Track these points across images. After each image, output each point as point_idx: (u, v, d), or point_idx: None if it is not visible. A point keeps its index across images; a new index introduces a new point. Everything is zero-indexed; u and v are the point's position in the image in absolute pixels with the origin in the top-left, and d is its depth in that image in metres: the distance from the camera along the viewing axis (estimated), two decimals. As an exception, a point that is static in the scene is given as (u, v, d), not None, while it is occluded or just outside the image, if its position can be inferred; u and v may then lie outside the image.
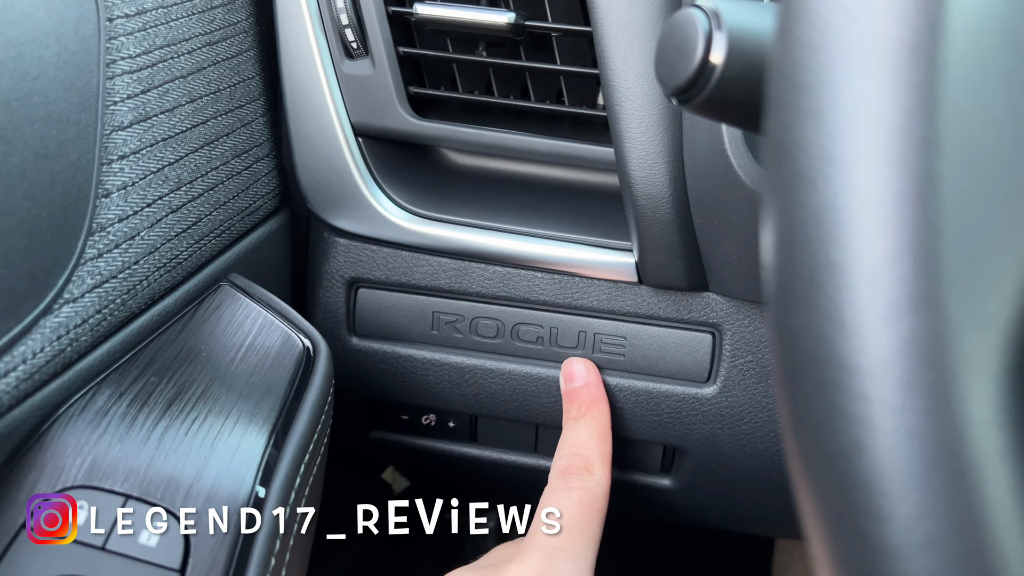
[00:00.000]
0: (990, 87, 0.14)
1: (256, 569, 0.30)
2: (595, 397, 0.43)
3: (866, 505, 0.14)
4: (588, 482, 0.39)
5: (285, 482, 0.32)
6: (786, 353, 0.15)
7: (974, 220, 0.14)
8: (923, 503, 0.14)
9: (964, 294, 0.14)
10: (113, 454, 0.30)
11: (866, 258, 0.14)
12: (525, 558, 0.35)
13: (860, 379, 0.14)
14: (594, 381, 0.44)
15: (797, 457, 0.16)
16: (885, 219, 0.14)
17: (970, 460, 0.14)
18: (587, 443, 0.41)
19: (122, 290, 0.33)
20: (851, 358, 0.14)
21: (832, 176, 0.14)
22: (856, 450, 0.14)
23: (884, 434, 0.14)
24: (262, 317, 0.38)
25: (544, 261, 0.43)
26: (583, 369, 0.44)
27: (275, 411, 0.34)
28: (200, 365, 0.35)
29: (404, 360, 0.46)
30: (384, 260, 0.45)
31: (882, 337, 0.14)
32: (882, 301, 0.14)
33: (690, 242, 0.39)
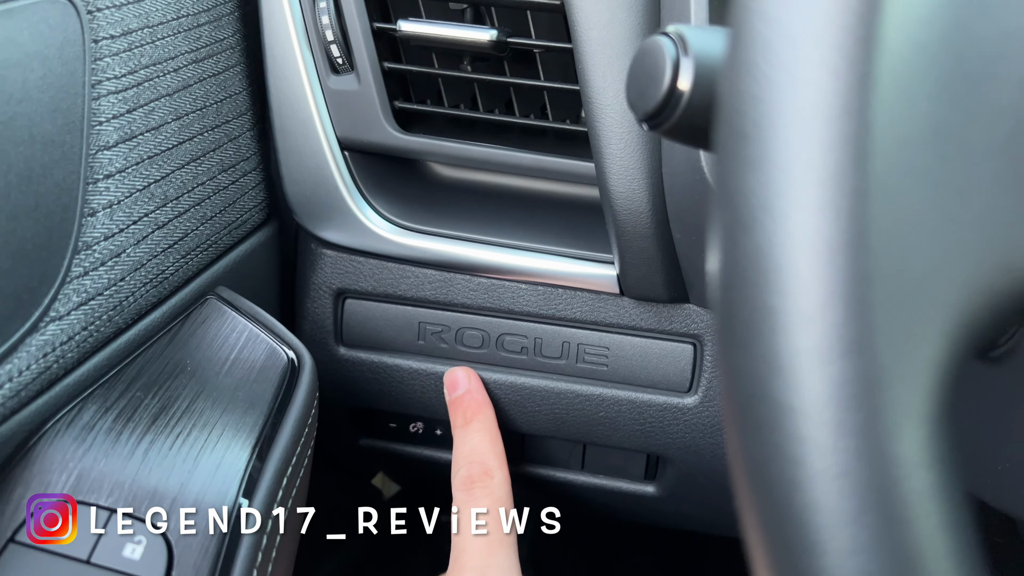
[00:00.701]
0: (919, 138, 0.15)
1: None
2: (478, 402, 0.44)
3: (801, 539, 0.15)
4: (490, 486, 0.40)
5: (268, 493, 0.33)
6: (729, 390, 0.16)
7: (904, 267, 0.14)
8: (855, 539, 0.14)
9: (894, 339, 0.14)
10: (98, 468, 0.31)
11: (800, 303, 0.14)
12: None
13: (794, 419, 0.14)
14: (475, 387, 0.44)
15: (741, 489, 0.16)
16: (818, 266, 0.14)
17: (900, 498, 0.14)
18: (480, 448, 0.42)
19: (108, 307, 0.34)
20: (786, 399, 0.15)
21: (768, 224, 0.15)
22: (792, 487, 0.15)
23: (817, 473, 0.14)
24: (248, 330, 0.38)
25: (528, 273, 0.43)
26: (464, 376, 0.45)
27: (259, 424, 0.34)
28: (185, 380, 0.35)
29: (391, 370, 0.47)
30: (371, 271, 0.45)
31: (815, 379, 0.14)
32: (815, 345, 0.14)
33: (670, 256, 0.40)
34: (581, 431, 0.46)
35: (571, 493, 0.51)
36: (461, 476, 0.40)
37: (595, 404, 0.45)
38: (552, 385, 0.45)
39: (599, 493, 0.50)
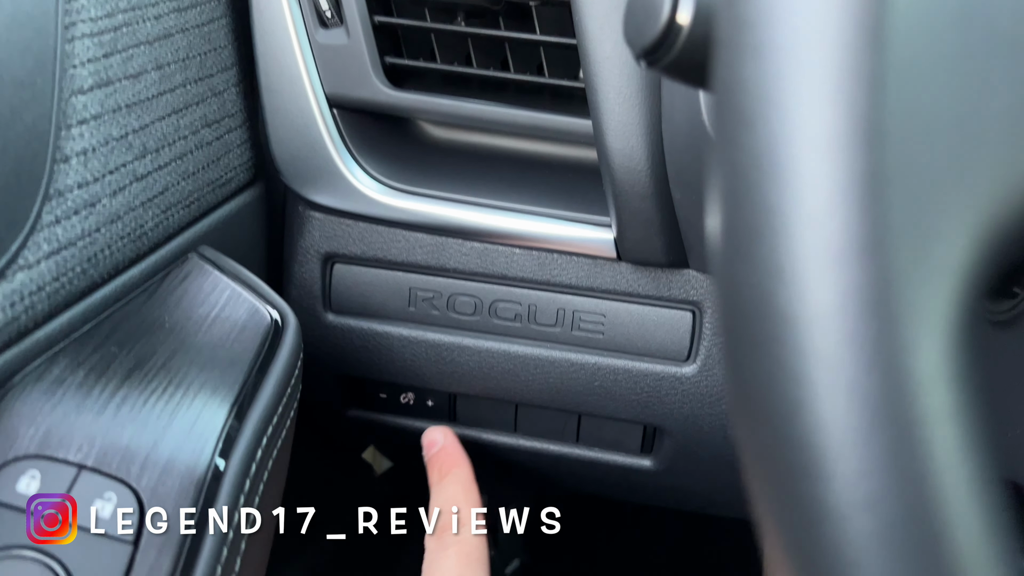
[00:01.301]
0: (943, 21, 0.13)
1: (213, 543, 0.29)
2: (454, 458, 0.45)
3: (804, 464, 0.13)
4: (462, 536, 0.41)
5: (246, 455, 0.31)
6: (727, 307, 0.14)
7: (923, 162, 0.13)
8: (863, 461, 0.13)
9: (911, 240, 0.13)
10: (68, 424, 0.29)
11: (807, 202, 0.13)
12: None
13: (798, 331, 0.13)
14: (451, 443, 0.46)
15: (737, 417, 0.15)
16: (827, 161, 0.13)
17: (914, 417, 0.13)
18: (454, 498, 0.43)
19: (81, 258, 0.32)
20: (789, 309, 0.13)
21: (772, 117, 0.13)
22: (795, 407, 0.13)
23: (824, 389, 0.13)
24: (230, 289, 0.37)
25: (522, 237, 0.42)
26: (440, 436, 0.46)
27: (238, 383, 0.33)
28: (163, 336, 0.34)
29: (380, 337, 0.45)
30: (360, 235, 0.44)
31: (822, 286, 0.13)
32: (823, 247, 0.13)
33: (669, 217, 0.38)
34: (576, 401, 0.45)
35: (565, 467, 0.50)
36: (434, 528, 0.41)
37: (590, 373, 0.44)
38: (546, 354, 0.44)
39: (594, 467, 0.49)
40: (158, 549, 0.28)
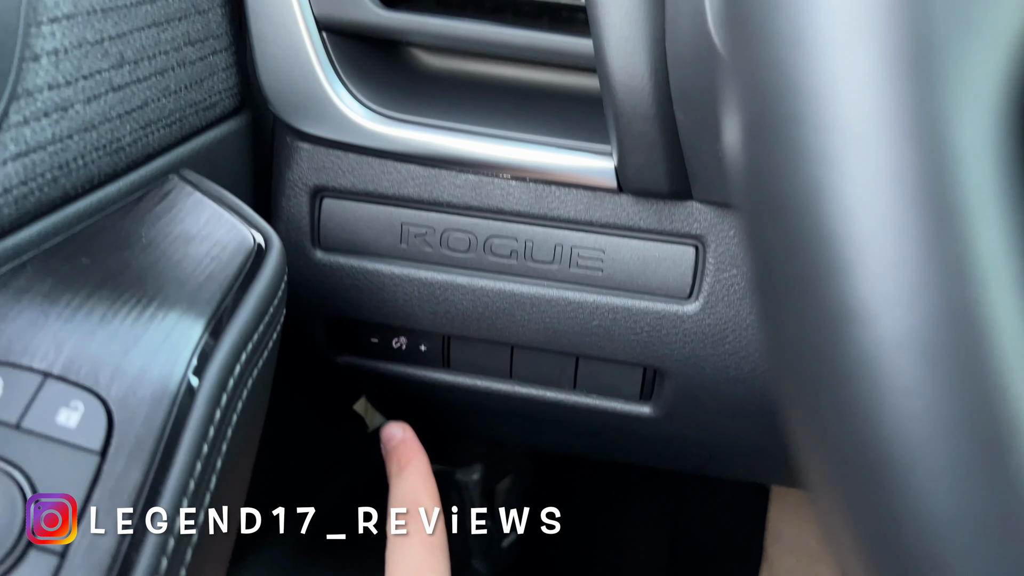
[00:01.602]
0: None
1: (186, 455, 0.27)
2: (412, 450, 0.45)
3: (827, 258, 0.12)
4: (421, 525, 0.41)
5: (220, 375, 0.30)
6: (744, 93, 0.13)
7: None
8: (894, 250, 0.11)
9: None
10: (33, 330, 0.28)
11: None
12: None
13: (816, 101, 0.11)
14: (410, 437, 0.46)
15: (751, 215, 0.13)
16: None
17: (954, 198, 0.11)
18: (415, 489, 0.43)
19: (53, 164, 0.31)
20: (805, 79, 0.11)
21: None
22: (815, 192, 0.12)
23: (847, 167, 0.11)
24: (212, 210, 0.35)
25: (519, 167, 0.40)
26: (399, 430, 0.47)
27: (215, 299, 0.31)
28: (138, 251, 0.32)
29: (371, 275, 0.44)
30: (350, 166, 0.42)
31: (848, 51, 0.11)
32: (850, 6, 0.11)
33: (672, 140, 0.36)
34: (573, 342, 0.43)
35: (562, 415, 0.48)
36: (394, 515, 0.42)
37: (589, 312, 0.42)
38: (543, 292, 0.42)
39: (591, 415, 0.47)
40: (127, 460, 0.27)
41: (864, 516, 0.13)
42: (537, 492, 0.95)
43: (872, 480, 0.13)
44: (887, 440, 0.12)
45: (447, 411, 0.53)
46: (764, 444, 0.47)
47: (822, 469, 0.14)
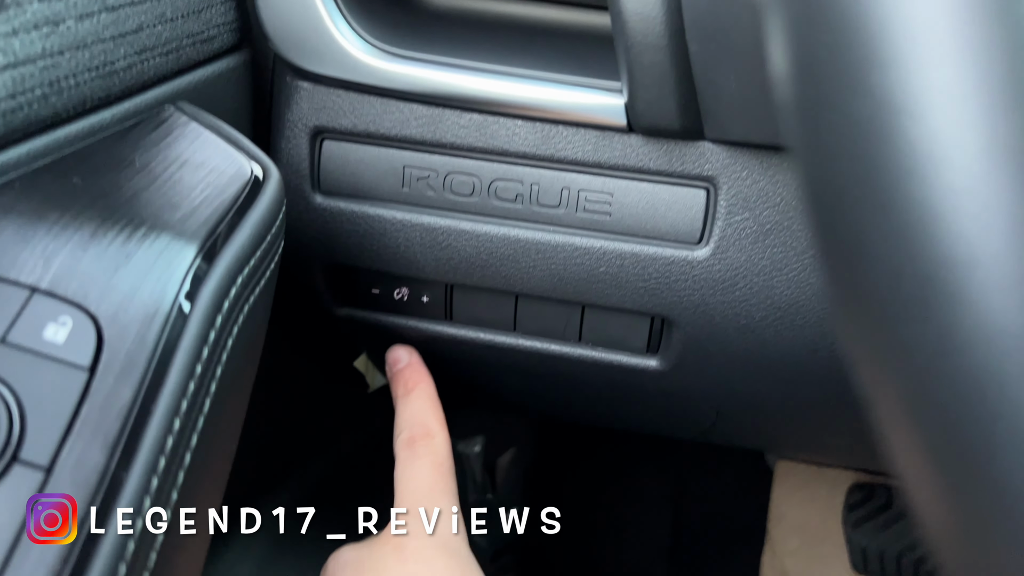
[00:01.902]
0: None
1: (179, 374, 0.26)
2: (419, 374, 0.45)
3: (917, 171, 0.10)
4: (432, 446, 0.42)
5: (214, 297, 0.29)
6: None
7: None
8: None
9: None
10: (19, 245, 0.27)
11: None
12: (401, 528, 0.38)
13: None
14: (416, 360, 0.47)
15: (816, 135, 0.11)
16: None
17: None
18: (423, 412, 0.43)
19: (42, 80, 0.30)
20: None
21: None
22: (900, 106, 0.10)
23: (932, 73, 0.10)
24: (210, 139, 0.34)
25: (525, 105, 0.39)
26: (405, 353, 0.47)
27: (210, 224, 0.30)
28: (131, 173, 0.31)
29: (372, 221, 0.43)
30: (351, 106, 0.41)
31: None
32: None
33: (684, 73, 0.35)
34: (579, 290, 0.42)
35: (566, 370, 0.47)
36: (403, 437, 0.42)
37: (595, 259, 0.41)
38: (549, 238, 0.41)
39: (597, 370, 0.46)
40: (116, 378, 0.26)
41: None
42: (539, 468, 0.94)
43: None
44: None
45: (449, 368, 0.52)
46: (771, 400, 0.46)
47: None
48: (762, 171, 0.38)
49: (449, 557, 0.37)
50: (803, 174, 0.13)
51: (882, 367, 0.12)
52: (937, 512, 0.12)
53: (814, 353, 0.41)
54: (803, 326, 0.41)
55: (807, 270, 0.39)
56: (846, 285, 0.12)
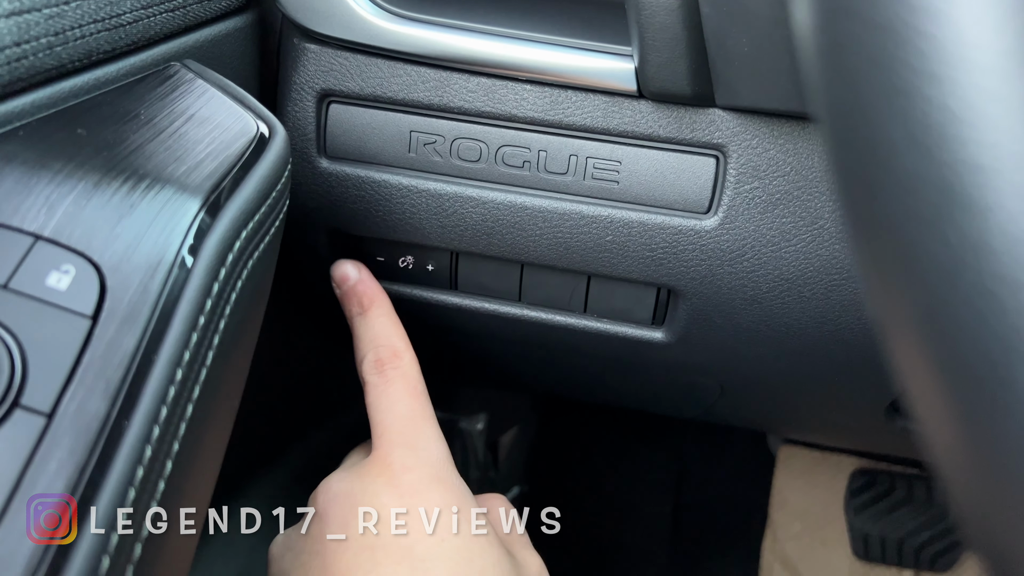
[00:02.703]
0: None
1: (181, 324, 0.26)
2: (373, 290, 0.43)
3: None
4: (402, 367, 0.40)
5: (219, 249, 0.28)
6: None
7: None
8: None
9: None
10: (22, 193, 0.27)
11: None
12: (389, 459, 0.36)
13: None
14: (367, 276, 0.44)
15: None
16: None
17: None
18: (385, 331, 0.41)
19: (47, 30, 0.29)
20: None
21: None
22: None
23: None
24: (215, 96, 0.34)
25: (534, 69, 0.39)
26: (353, 269, 0.44)
27: (215, 178, 0.30)
28: (136, 126, 0.31)
29: (378, 186, 0.42)
30: (358, 69, 0.41)
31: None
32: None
33: (695, 35, 0.35)
34: (586, 260, 0.42)
35: (571, 341, 0.47)
36: (369, 360, 0.40)
37: (602, 227, 0.41)
38: (556, 205, 0.41)
39: (602, 342, 0.46)
40: (118, 326, 0.25)
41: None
42: (541, 448, 0.94)
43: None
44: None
45: (454, 339, 0.52)
46: (775, 374, 0.46)
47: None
48: (772, 140, 0.38)
49: (444, 489, 0.36)
50: (820, 83, 0.12)
51: (898, 280, 0.12)
52: (949, 432, 0.12)
53: (821, 326, 0.41)
54: (810, 298, 0.40)
55: (816, 241, 0.39)
56: (864, 197, 0.12)
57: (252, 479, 0.58)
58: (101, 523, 0.24)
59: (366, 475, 0.36)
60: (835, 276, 0.39)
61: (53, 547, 0.22)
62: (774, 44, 0.33)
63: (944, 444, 0.12)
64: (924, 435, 0.13)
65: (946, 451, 0.12)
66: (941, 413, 0.12)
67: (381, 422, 0.38)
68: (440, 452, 0.37)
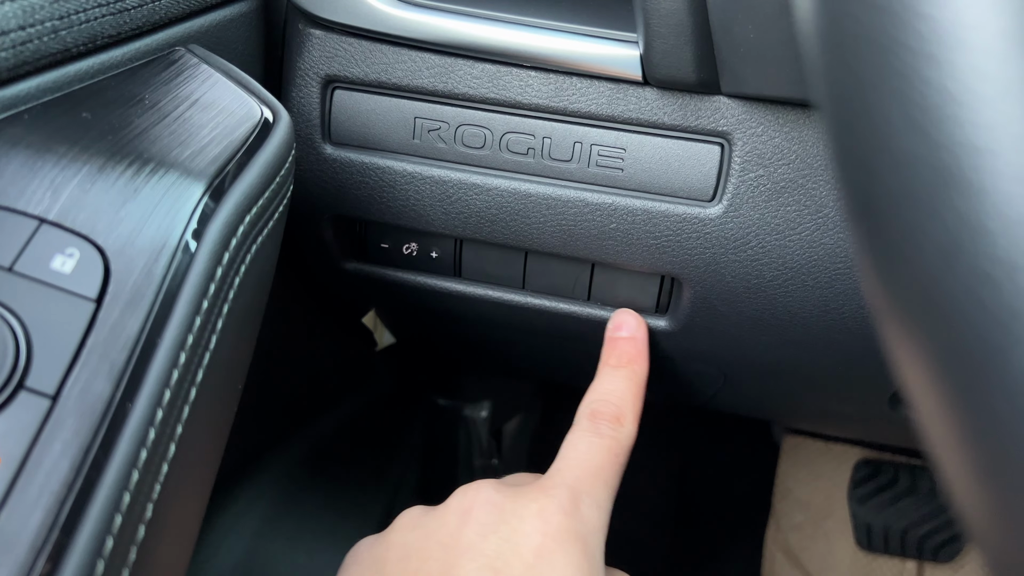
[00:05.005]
0: None
1: (185, 308, 0.26)
2: (638, 351, 0.42)
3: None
4: (618, 433, 0.38)
5: (222, 233, 0.28)
6: None
7: None
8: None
9: None
10: (27, 176, 0.27)
11: None
12: (554, 493, 0.35)
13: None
14: (641, 336, 0.43)
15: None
16: None
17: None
18: (623, 394, 0.40)
19: (52, 13, 0.29)
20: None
21: None
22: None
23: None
24: (220, 81, 0.34)
25: (539, 56, 0.38)
26: (634, 323, 0.43)
27: (219, 162, 0.30)
28: (140, 110, 0.31)
29: (382, 173, 0.42)
30: (363, 55, 0.41)
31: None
32: None
33: (701, 21, 0.35)
34: (590, 247, 0.42)
35: (574, 329, 0.47)
36: (592, 408, 0.39)
37: (607, 215, 0.41)
38: (560, 193, 0.41)
39: (597, 327, 0.46)
40: (122, 310, 0.26)
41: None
42: (545, 435, 0.94)
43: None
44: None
45: (457, 326, 0.52)
46: (779, 363, 0.46)
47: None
48: (778, 127, 0.38)
49: (582, 552, 0.33)
50: (820, 65, 0.12)
51: (896, 263, 0.12)
52: (945, 417, 0.12)
53: (824, 315, 0.41)
54: (814, 287, 0.40)
55: (820, 230, 0.39)
56: (862, 180, 0.12)
57: (256, 464, 0.59)
58: (106, 504, 0.24)
59: (523, 496, 0.35)
60: (839, 265, 0.39)
61: (58, 526, 0.23)
62: (780, 31, 0.33)
63: (940, 430, 0.12)
64: (920, 421, 0.13)
65: (942, 437, 0.12)
66: (937, 397, 0.12)
67: (566, 459, 0.37)
68: (600, 521, 0.35)
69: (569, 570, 0.32)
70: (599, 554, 0.35)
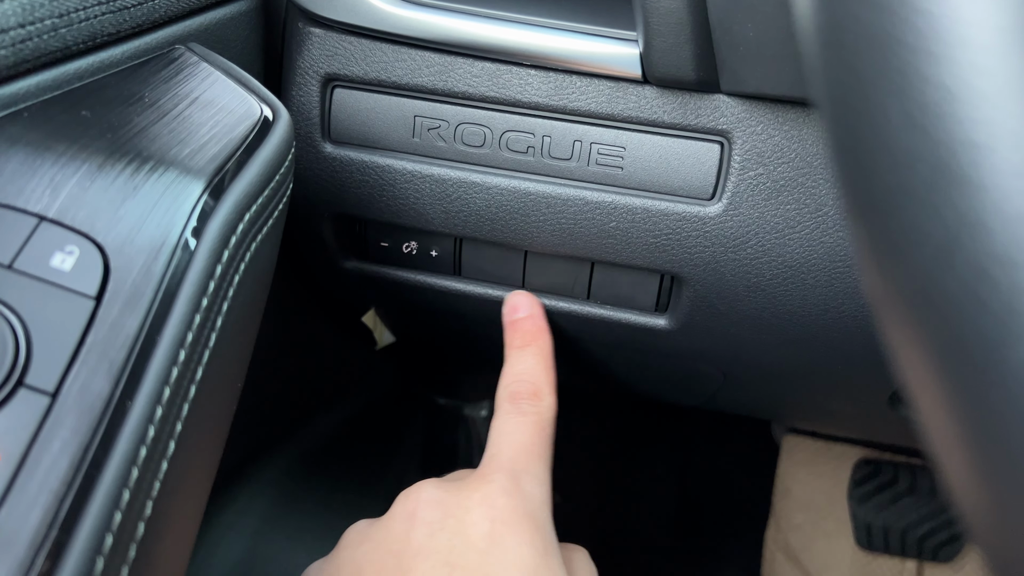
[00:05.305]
0: None
1: (185, 306, 0.26)
2: (539, 328, 0.43)
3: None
4: (540, 407, 0.39)
5: (222, 231, 0.28)
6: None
7: None
8: None
9: None
10: (27, 174, 0.27)
11: None
12: (493, 478, 0.35)
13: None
14: (538, 313, 0.44)
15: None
16: None
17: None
18: (534, 370, 0.41)
19: (51, 11, 0.29)
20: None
21: None
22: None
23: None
24: (219, 79, 0.34)
25: (539, 54, 0.38)
26: (527, 302, 0.45)
27: (218, 160, 0.30)
28: (140, 108, 0.31)
29: (382, 171, 0.42)
30: (363, 53, 0.41)
31: None
32: None
33: (701, 20, 0.35)
34: (589, 246, 0.42)
35: (574, 327, 0.47)
36: (510, 391, 0.40)
37: (606, 214, 0.41)
38: (559, 191, 0.41)
39: (605, 328, 0.46)
40: (122, 307, 0.26)
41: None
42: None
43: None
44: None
45: (457, 325, 0.52)
46: (778, 362, 0.46)
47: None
48: (777, 126, 0.38)
49: (533, 528, 0.34)
50: (818, 62, 0.12)
51: (894, 260, 0.12)
52: (944, 414, 0.12)
53: (824, 314, 0.41)
54: (814, 286, 0.40)
55: (820, 228, 0.39)
56: (861, 177, 0.12)
57: (256, 463, 0.59)
58: (105, 502, 0.24)
59: (464, 488, 0.35)
60: (838, 264, 0.39)
61: (57, 523, 0.23)
62: (780, 29, 0.33)
63: (939, 428, 0.12)
64: (920, 419, 0.13)
65: (942, 435, 0.12)
66: (936, 395, 0.12)
67: (496, 445, 0.38)
68: (542, 495, 0.36)
69: (523, 548, 0.33)
70: (549, 526, 0.35)
